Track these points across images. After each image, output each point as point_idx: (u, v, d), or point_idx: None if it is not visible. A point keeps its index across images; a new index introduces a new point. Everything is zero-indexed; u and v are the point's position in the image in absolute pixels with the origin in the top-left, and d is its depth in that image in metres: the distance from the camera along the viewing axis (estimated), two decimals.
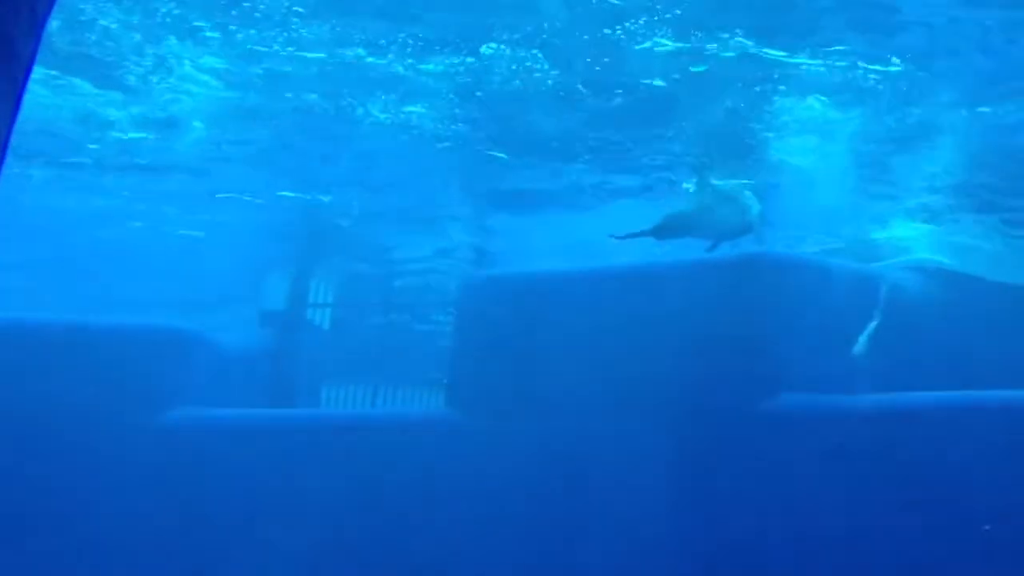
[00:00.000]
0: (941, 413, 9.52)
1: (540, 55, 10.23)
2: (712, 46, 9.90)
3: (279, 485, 11.16)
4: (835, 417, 9.76)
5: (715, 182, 11.83)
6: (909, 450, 9.47)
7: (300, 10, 9.74)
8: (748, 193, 11.44)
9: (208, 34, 10.28)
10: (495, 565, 10.51)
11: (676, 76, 10.46)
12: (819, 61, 10.06)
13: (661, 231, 10.90)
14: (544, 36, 9.96)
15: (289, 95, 11.44)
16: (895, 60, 9.88)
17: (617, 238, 10.72)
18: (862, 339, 10.53)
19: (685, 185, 12.74)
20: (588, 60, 10.28)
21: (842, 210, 13.23)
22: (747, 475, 9.89)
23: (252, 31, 10.12)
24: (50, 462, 11.50)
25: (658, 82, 10.63)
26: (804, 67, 10.20)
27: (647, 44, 9.83)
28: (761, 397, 10.04)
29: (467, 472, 10.78)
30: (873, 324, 10.66)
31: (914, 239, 13.35)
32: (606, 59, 10.22)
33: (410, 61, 10.56)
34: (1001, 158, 11.54)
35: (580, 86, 10.84)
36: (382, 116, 11.91)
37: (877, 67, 9.99)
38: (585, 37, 9.86)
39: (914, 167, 11.90)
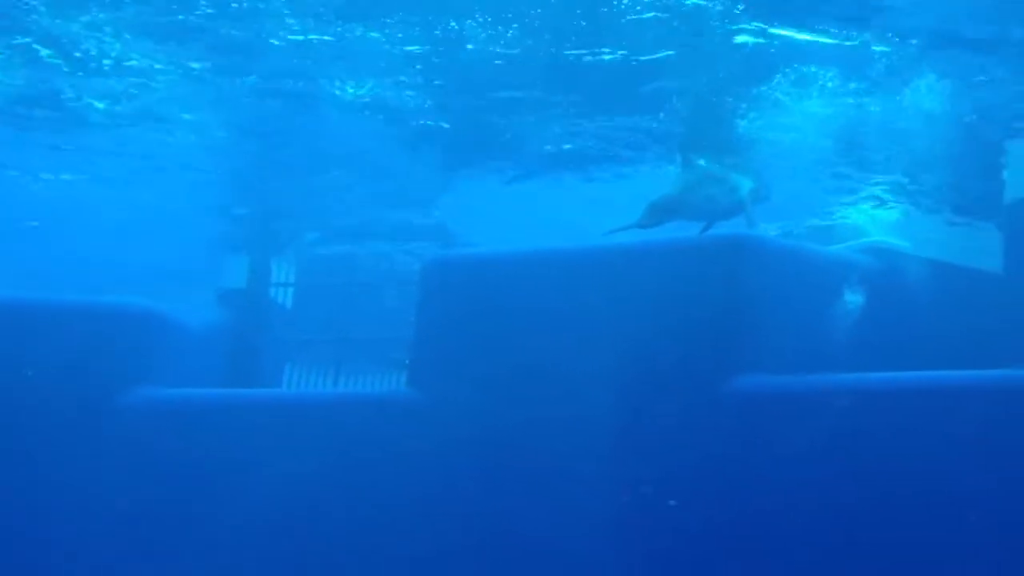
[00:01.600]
0: (900, 394, 9.67)
1: (516, 25, 10.01)
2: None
3: (241, 465, 11.17)
4: (795, 397, 9.89)
5: (701, 162, 11.71)
6: (868, 430, 9.61)
7: None
8: (737, 173, 11.35)
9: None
10: (456, 543, 10.58)
11: (661, 51, 10.30)
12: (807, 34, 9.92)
13: (647, 219, 10.90)
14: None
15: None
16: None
17: (609, 233, 10.71)
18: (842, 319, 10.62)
19: (670, 167, 12.67)
20: (568, 30, 10.12)
21: (805, 193, 13.37)
22: (706, 455, 10.00)
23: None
24: (6, 443, 11.44)
25: (643, 56, 10.46)
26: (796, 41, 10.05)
27: (632, 15, 9.65)
28: (722, 378, 10.16)
29: (428, 452, 10.83)
30: (852, 305, 10.77)
31: (871, 222, 13.54)
32: (583, 23, 10.02)
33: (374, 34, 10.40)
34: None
35: (563, 55, 10.67)
36: (347, 91, 11.77)
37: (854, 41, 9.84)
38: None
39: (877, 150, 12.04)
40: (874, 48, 10.01)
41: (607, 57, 10.59)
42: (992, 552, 9.09)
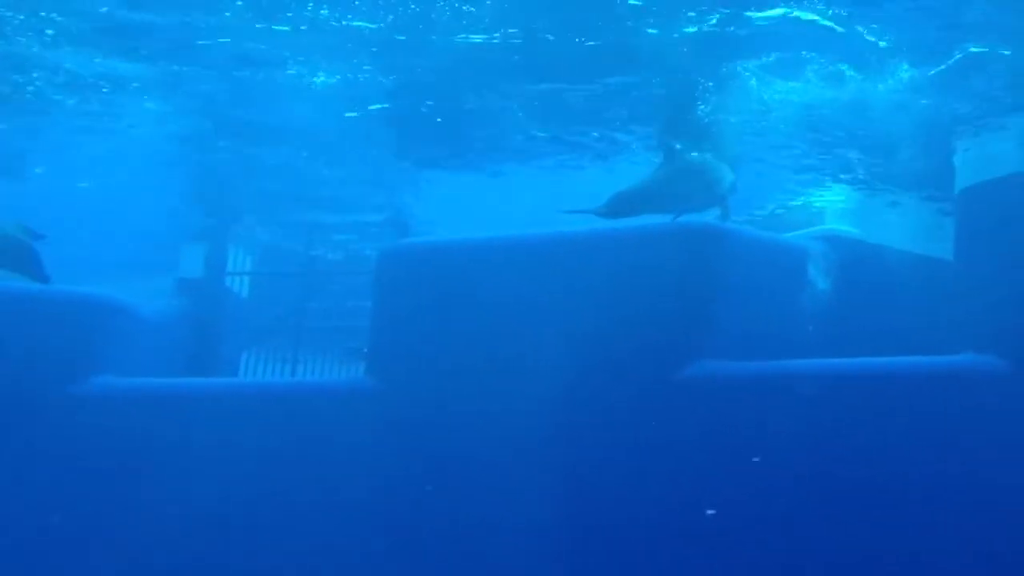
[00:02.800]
0: (855, 379, 9.80)
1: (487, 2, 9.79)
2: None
3: (198, 454, 11.11)
4: (752, 383, 9.99)
5: (682, 152, 11.38)
6: (823, 415, 9.74)
7: None
8: (721, 164, 11.12)
9: None
10: (415, 529, 10.61)
11: (638, 34, 10.05)
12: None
13: (609, 209, 10.56)
14: None
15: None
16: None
17: (566, 212, 10.41)
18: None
19: (645, 156, 12.51)
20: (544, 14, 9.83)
21: (766, 180, 13.41)
22: (663, 440, 10.08)
23: None
24: None
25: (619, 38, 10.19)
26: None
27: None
28: (679, 364, 10.24)
29: (386, 441, 10.84)
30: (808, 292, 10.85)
31: (828, 209, 13.65)
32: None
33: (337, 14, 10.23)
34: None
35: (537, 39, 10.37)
36: (307, 77, 11.59)
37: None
38: None
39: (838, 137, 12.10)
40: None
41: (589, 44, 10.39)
42: (949, 532, 9.27)
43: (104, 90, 12.25)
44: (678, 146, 11.48)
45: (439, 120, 12.70)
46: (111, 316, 12.27)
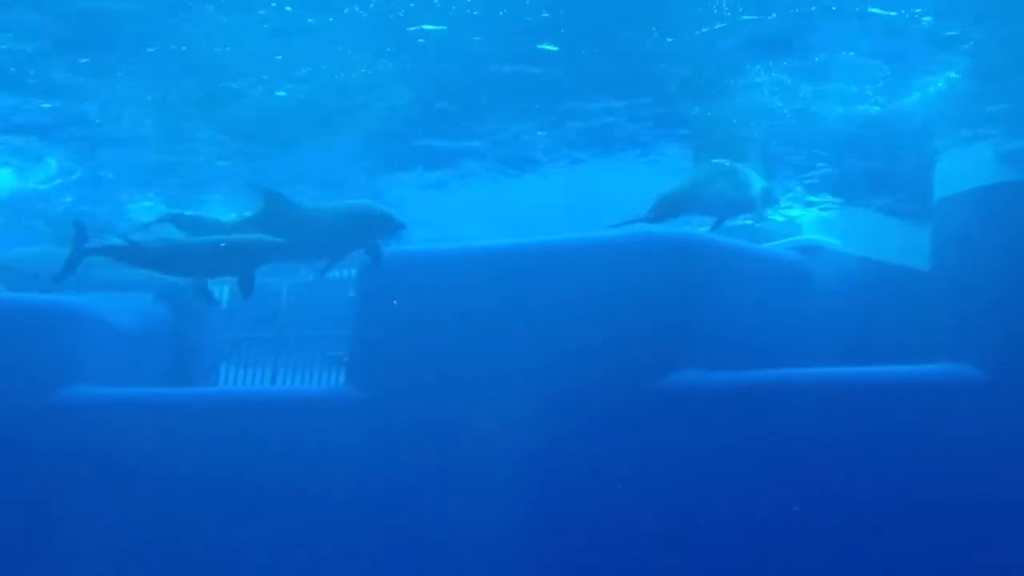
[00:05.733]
0: (833, 389, 9.86)
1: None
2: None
3: (176, 465, 11.06)
4: (731, 392, 10.02)
5: (714, 158, 11.30)
6: (801, 423, 9.78)
7: None
8: (750, 169, 11.13)
9: None
10: (396, 540, 10.59)
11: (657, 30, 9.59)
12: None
13: (657, 212, 10.54)
14: None
15: None
16: None
17: (614, 227, 10.35)
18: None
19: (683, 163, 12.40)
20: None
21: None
22: (642, 449, 10.11)
23: None
24: None
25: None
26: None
27: None
28: (659, 373, 10.26)
29: (367, 449, 10.82)
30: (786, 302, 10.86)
31: (805, 220, 13.72)
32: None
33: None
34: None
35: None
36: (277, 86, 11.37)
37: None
38: None
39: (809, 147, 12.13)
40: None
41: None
42: (925, 539, 9.32)
43: None
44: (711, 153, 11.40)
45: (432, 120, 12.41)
46: (86, 325, 12.20)
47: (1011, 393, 9.43)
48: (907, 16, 9.19)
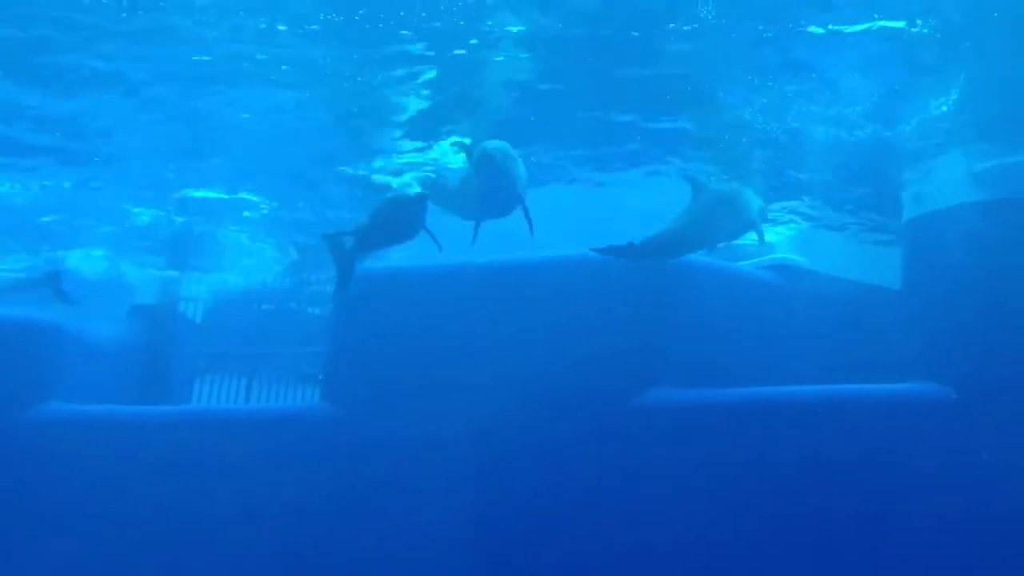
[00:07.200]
0: (805, 407, 9.93)
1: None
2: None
3: (151, 482, 11.01)
4: (707, 410, 10.08)
5: (711, 183, 10.72)
6: (773, 441, 9.85)
7: None
8: (746, 189, 10.73)
9: None
10: (370, 557, 10.57)
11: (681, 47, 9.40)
12: None
13: (647, 252, 9.43)
14: None
15: None
16: None
17: (597, 251, 9.34)
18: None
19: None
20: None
21: None
22: (616, 466, 10.15)
23: None
24: None
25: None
26: None
27: None
28: (631, 392, 10.32)
29: (342, 467, 10.81)
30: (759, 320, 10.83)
31: (778, 239, 13.80)
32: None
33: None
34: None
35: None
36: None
37: None
38: None
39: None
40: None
41: None
42: (893, 554, 9.39)
43: None
44: (705, 177, 10.99)
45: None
46: (59, 342, 12.14)
47: (980, 412, 9.52)
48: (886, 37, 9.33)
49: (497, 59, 10.01)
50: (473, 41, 9.68)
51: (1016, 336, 9.62)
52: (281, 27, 9.59)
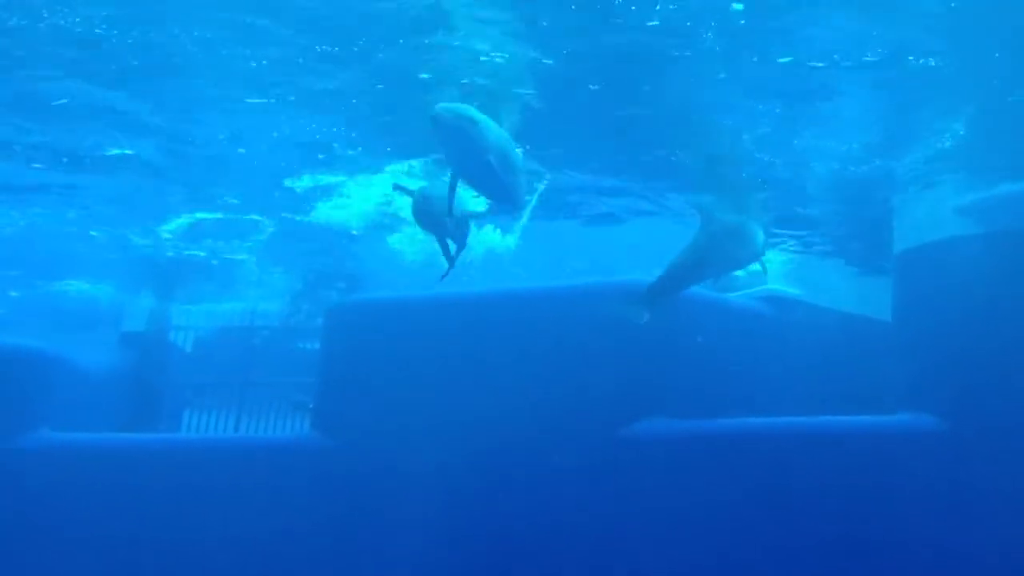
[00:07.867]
0: (796, 438, 9.94)
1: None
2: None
3: (140, 511, 10.96)
4: (701, 441, 10.09)
5: (715, 215, 10.23)
6: (763, 474, 9.85)
7: None
8: (750, 220, 10.61)
9: None
10: None
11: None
12: None
13: (654, 295, 9.39)
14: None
15: None
16: None
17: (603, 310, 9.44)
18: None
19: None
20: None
21: None
22: (606, 496, 10.13)
23: None
24: None
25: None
26: None
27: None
28: (623, 422, 10.32)
29: (332, 496, 10.78)
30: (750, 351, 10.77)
31: (771, 270, 13.83)
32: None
33: None
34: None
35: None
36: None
37: None
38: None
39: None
40: None
41: None
42: None
43: None
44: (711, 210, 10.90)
45: None
46: (50, 369, 12.10)
47: (970, 443, 9.54)
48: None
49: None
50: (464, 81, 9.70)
51: (1006, 368, 9.65)
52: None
